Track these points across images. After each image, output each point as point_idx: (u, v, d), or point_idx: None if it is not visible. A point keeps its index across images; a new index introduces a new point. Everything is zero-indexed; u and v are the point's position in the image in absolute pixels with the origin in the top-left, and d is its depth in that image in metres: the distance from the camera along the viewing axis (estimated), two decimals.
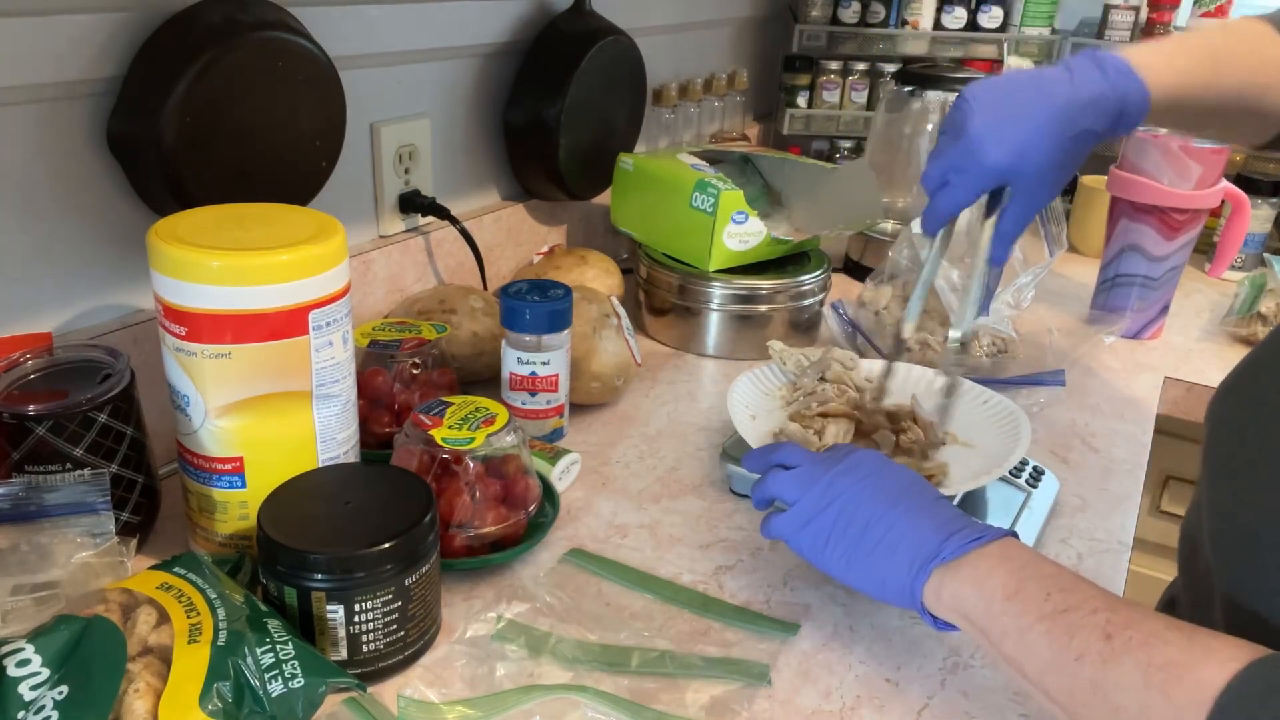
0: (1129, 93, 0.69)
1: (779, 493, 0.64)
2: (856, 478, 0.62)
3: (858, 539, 0.60)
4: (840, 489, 0.62)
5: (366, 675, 0.61)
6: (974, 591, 0.55)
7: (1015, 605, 0.52)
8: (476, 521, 0.71)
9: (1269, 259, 1.30)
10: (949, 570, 0.56)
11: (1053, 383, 1.05)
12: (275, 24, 0.77)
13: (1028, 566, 0.54)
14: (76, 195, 0.75)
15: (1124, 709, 0.46)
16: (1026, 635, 0.51)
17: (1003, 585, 0.54)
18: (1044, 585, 0.52)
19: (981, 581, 0.55)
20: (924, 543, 0.58)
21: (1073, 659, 0.49)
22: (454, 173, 1.12)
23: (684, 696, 0.61)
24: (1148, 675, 0.45)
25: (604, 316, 0.96)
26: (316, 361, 0.66)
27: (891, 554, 0.59)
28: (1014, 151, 0.70)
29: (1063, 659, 0.49)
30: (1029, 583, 0.53)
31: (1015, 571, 0.54)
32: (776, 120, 1.80)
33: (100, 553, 0.62)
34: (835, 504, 0.61)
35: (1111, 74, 0.69)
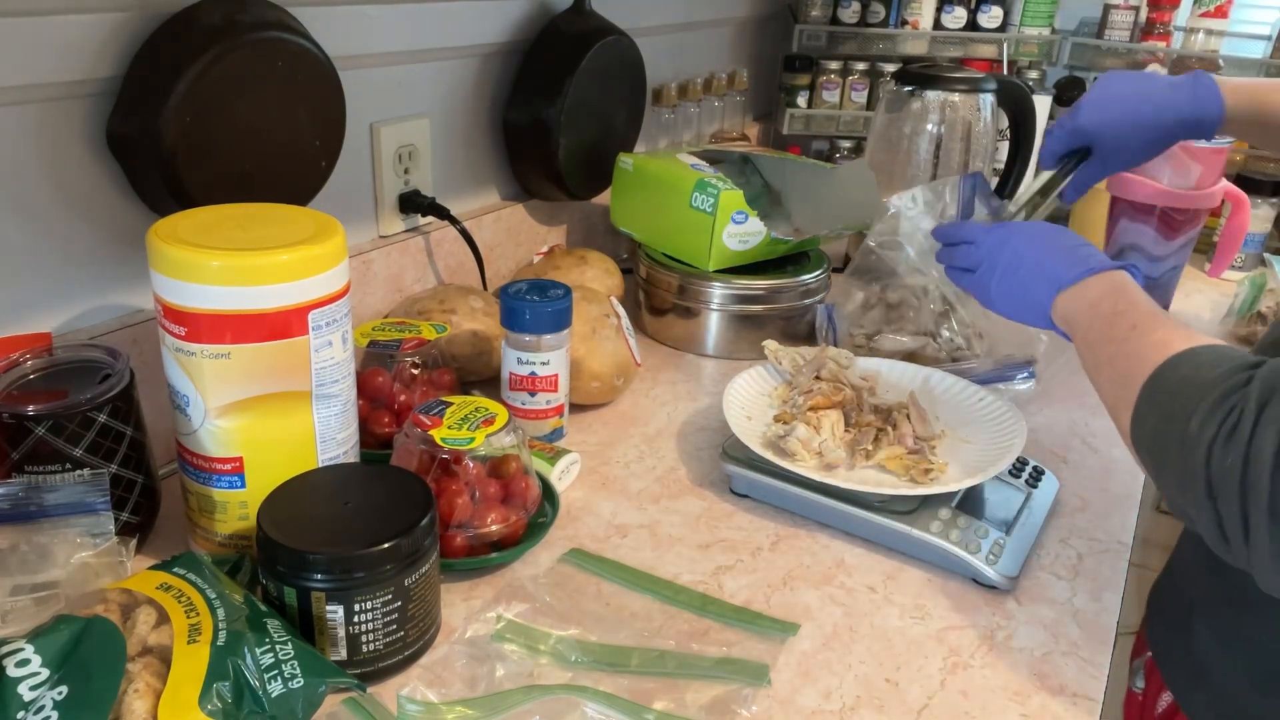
0: (1208, 110, 0.86)
1: (969, 234, 0.85)
2: (1024, 231, 0.80)
3: (1013, 271, 0.78)
4: (1009, 236, 0.80)
5: (366, 675, 0.61)
6: (1083, 308, 0.70)
7: (1102, 321, 0.67)
8: (476, 521, 0.71)
9: (1269, 259, 1.30)
10: (1067, 293, 0.72)
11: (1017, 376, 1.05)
12: (275, 24, 0.77)
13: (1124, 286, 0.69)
14: (76, 195, 0.75)
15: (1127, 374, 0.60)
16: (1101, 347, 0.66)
17: (1098, 301, 0.69)
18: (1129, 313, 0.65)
19: (1090, 299, 0.70)
20: (1054, 273, 0.73)
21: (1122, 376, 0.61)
22: (454, 173, 1.12)
23: (684, 696, 0.61)
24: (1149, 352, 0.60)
25: (604, 316, 0.96)
26: (316, 361, 0.66)
27: (1029, 287, 0.75)
28: (1100, 122, 0.89)
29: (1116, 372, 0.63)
30: (1123, 308, 0.66)
31: (1112, 294, 0.68)
32: (776, 120, 1.80)
33: (100, 553, 0.62)
34: (1008, 245, 0.79)
35: (1201, 93, 0.86)
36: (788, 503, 0.82)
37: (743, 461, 0.83)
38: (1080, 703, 0.64)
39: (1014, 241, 0.79)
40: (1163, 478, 0.56)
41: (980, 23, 1.69)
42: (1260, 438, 0.48)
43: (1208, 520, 0.52)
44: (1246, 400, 0.50)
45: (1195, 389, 0.53)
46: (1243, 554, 0.51)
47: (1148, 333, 0.61)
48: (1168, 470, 0.55)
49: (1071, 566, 0.78)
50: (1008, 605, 0.73)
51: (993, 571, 0.73)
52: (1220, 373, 0.53)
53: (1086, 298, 0.70)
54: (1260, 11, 1.70)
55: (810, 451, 0.82)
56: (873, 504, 0.78)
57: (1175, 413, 0.54)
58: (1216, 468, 0.50)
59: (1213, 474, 0.50)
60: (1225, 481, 0.50)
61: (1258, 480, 0.48)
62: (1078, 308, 0.71)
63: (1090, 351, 0.67)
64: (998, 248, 0.80)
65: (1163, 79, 0.89)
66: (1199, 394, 0.53)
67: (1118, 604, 0.74)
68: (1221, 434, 0.50)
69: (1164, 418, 0.55)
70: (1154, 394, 0.57)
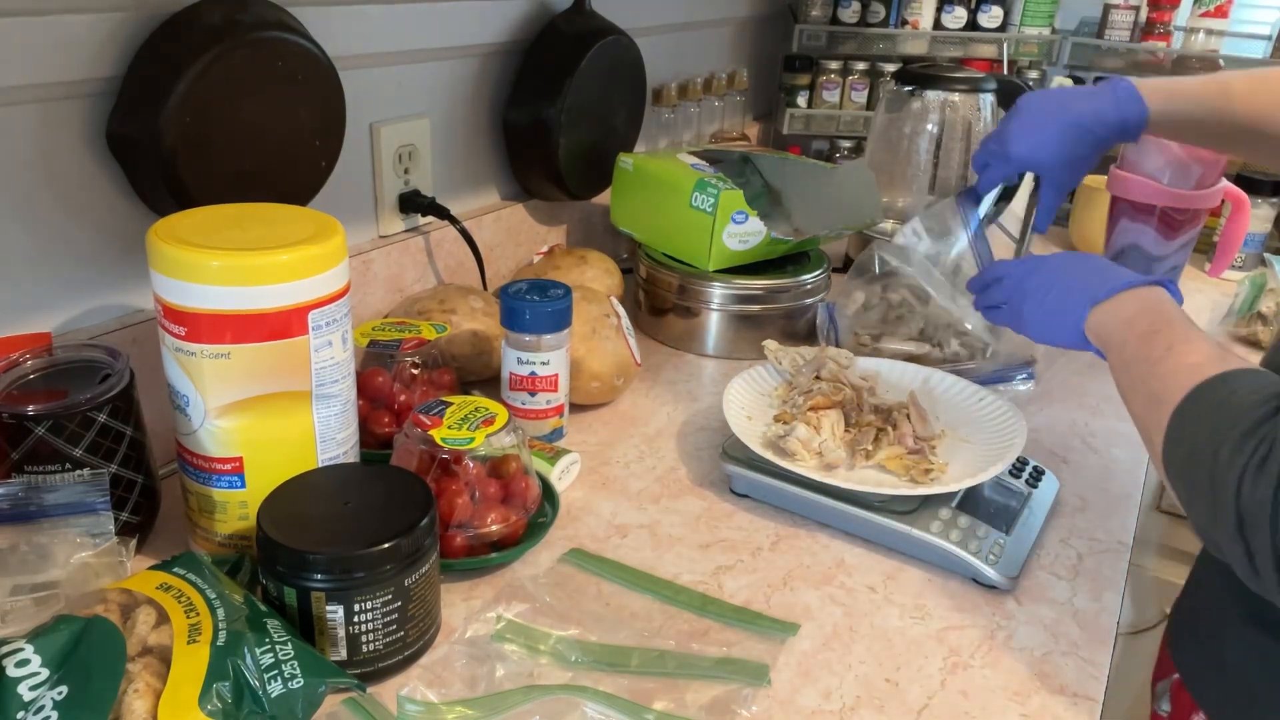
0: (1131, 114, 0.88)
1: (998, 271, 0.85)
2: (1055, 258, 0.81)
3: (1045, 293, 0.77)
4: (1037, 265, 0.81)
5: (366, 675, 0.61)
6: (1116, 323, 0.69)
7: (1136, 340, 0.66)
8: (476, 521, 0.71)
9: (1269, 259, 1.30)
10: (1101, 308, 0.71)
11: (1017, 377, 1.05)
12: (275, 24, 0.77)
13: (1161, 307, 0.68)
14: (76, 195, 0.75)
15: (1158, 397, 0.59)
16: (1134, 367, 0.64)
17: (1133, 320, 0.68)
18: (1164, 333, 0.64)
19: (1125, 316, 0.69)
20: (1087, 290, 0.73)
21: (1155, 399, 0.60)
22: (454, 173, 1.12)
23: (684, 696, 0.61)
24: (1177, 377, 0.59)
25: (604, 316, 0.96)
26: (316, 361, 0.66)
27: (1064, 304, 0.75)
28: (1031, 147, 0.91)
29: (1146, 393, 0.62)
30: (1159, 328, 0.65)
31: (1146, 313, 0.67)
32: (776, 120, 1.80)
33: (100, 553, 0.62)
34: (1039, 271, 0.80)
35: (1121, 98, 0.88)
36: (788, 503, 0.82)
37: (743, 461, 0.83)
38: (1080, 703, 0.64)
39: (1045, 267, 0.79)
40: (1193, 507, 0.55)
41: (980, 23, 1.69)
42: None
43: (1239, 552, 0.51)
44: (1277, 430, 0.49)
45: (1227, 417, 0.52)
46: (1274, 587, 0.50)
47: (1183, 355, 0.59)
48: (1198, 500, 0.54)
49: (1072, 566, 0.78)
50: (1008, 605, 0.73)
51: (993, 571, 0.73)
52: (1253, 401, 0.52)
53: (1122, 314, 0.69)
54: (1260, 11, 1.70)
55: (810, 451, 0.82)
56: (873, 504, 0.78)
57: (1206, 441, 0.53)
58: (1247, 500, 0.49)
59: (1243, 506, 0.49)
60: (1256, 514, 0.49)
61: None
62: (1113, 324, 0.69)
63: (1124, 371, 0.65)
64: (1028, 275, 0.80)
65: (1080, 90, 0.93)
66: (1230, 423, 0.52)
67: (1118, 604, 0.74)
68: (1251, 465, 0.49)
69: (1195, 447, 0.54)
70: (1185, 420, 0.55)
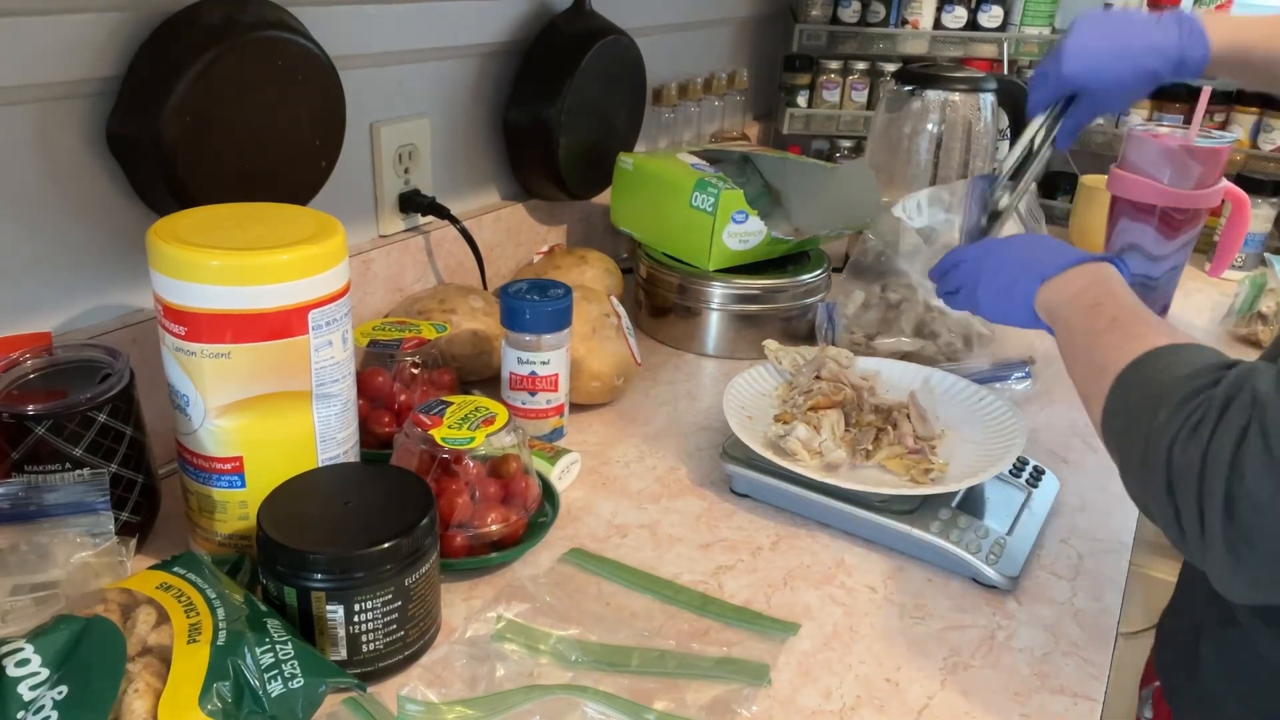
0: (1192, 49, 0.85)
1: (953, 258, 0.86)
2: (1006, 240, 0.83)
3: (997, 275, 0.79)
4: (991, 247, 0.83)
5: (366, 675, 0.61)
6: (1065, 299, 0.70)
7: (1080, 311, 0.68)
8: (476, 521, 0.71)
9: (1269, 259, 1.30)
10: (1050, 285, 0.72)
11: (1013, 376, 1.05)
12: (275, 24, 0.77)
13: (1106, 278, 0.69)
14: (76, 195, 0.75)
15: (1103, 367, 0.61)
16: (1079, 337, 0.66)
17: (1080, 292, 0.69)
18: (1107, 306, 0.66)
19: (1073, 289, 0.70)
20: (1037, 268, 0.74)
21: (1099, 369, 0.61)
22: (454, 172, 1.12)
23: (684, 696, 0.61)
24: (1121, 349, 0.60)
25: (604, 316, 0.96)
26: (316, 361, 0.66)
27: (1015, 282, 0.76)
28: (1085, 68, 0.88)
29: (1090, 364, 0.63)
30: (1103, 299, 0.67)
31: (1094, 286, 0.69)
32: (776, 120, 1.80)
33: (100, 552, 0.62)
34: (991, 253, 0.81)
35: (1184, 32, 0.85)
36: (788, 503, 0.82)
37: (743, 461, 0.82)
38: (1080, 703, 0.64)
39: (997, 249, 0.81)
40: (1127, 470, 0.56)
41: (980, 22, 1.69)
42: (1220, 437, 0.49)
43: (1167, 515, 0.52)
44: (1212, 400, 0.50)
45: (1167, 385, 0.54)
46: (1198, 551, 0.51)
47: (1127, 326, 0.62)
48: (1132, 463, 0.55)
49: (1072, 566, 0.78)
50: (1008, 605, 0.73)
51: (993, 571, 0.73)
52: (1192, 371, 0.53)
53: (1069, 289, 0.70)
54: (1259, 11, 1.70)
55: (810, 451, 0.82)
56: (873, 504, 0.78)
57: (1144, 407, 0.54)
58: (1177, 463, 0.51)
59: (1173, 469, 0.51)
60: (1184, 478, 0.50)
61: (1214, 479, 0.49)
62: (1060, 299, 0.71)
63: (1069, 342, 0.67)
64: (983, 257, 0.82)
65: (1145, 17, 0.89)
66: (1169, 390, 0.53)
67: (1118, 604, 0.74)
68: (1184, 431, 0.51)
69: (1133, 411, 0.56)
70: (1127, 388, 0.57)
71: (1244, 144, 1.59)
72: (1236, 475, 0.48)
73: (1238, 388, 0.50)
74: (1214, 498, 0.49)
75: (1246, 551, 0.49)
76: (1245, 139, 1.60)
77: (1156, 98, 1.66)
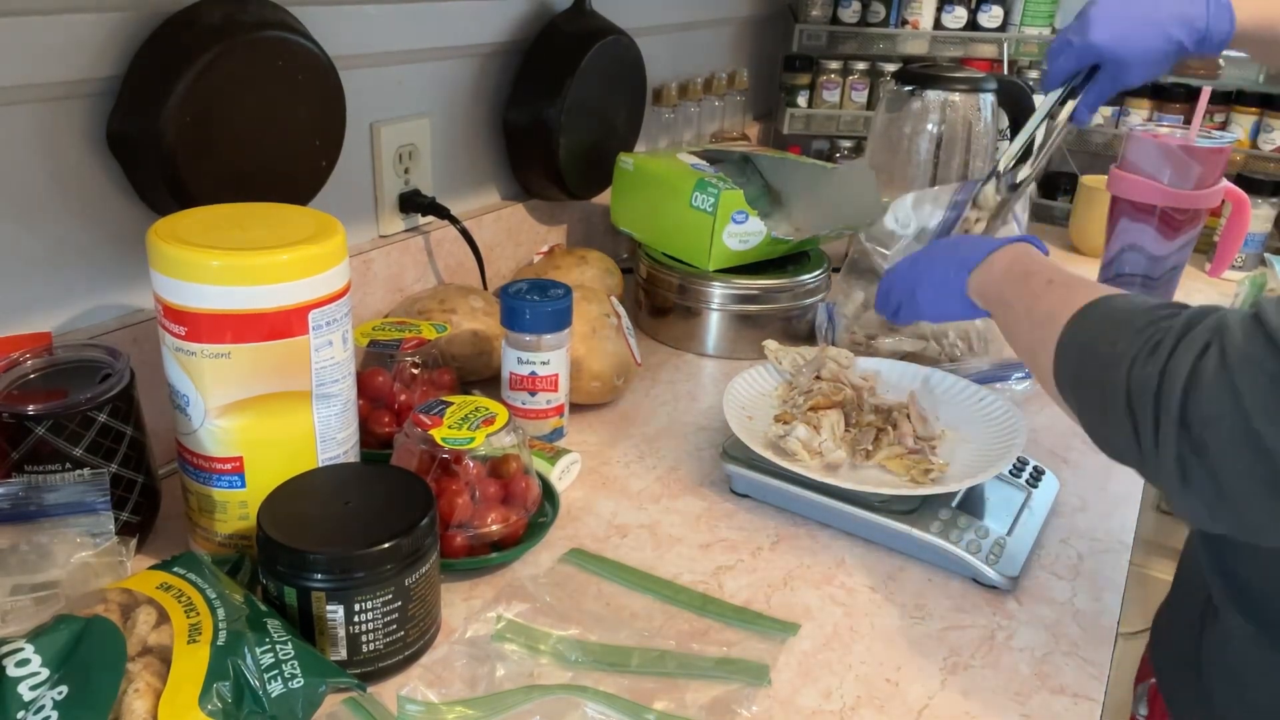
0: (1219, 21, 0.86)
1: (890, 274, 0.90)
2: (929, 248, 0.87)
3: (928, 277, 0.83)
4: (915, 257, 0.87)
5: (366, 675, 0.61)
6: (993, 278, 0.75)
7: (1012, 282, 0.71)
8: (476, 521, 0.71)
9: (1269, 259, 1.30)
10: (976, 273, 0.77)
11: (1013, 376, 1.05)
12: (275, 24, 0.77)
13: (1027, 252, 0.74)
14: (76, 195, 0.75)
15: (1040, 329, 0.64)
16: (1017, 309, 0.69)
17: (1008, 266, 0.73)
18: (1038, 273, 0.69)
19: (998, 267, 0.75)
20: (962, 260, 0.78)
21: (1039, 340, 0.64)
22: (454, 172, 1.12)
23: (684, 696, 0.61)
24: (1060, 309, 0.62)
25: (604, 316, 0.96)
26: (316, 361, 0.66)
27: (945, 278, 0.79)
28: (1116, 38, 0.88)
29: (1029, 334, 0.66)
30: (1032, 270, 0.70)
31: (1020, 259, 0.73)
32: (776, 120, 1.80)
33: (100, 552, 0.62)
34: (918, 261, 0.86)
35: (1212, 4, 0.86)
36: (788, 503, 0.82)
37: (743, 461, 0.82)
38: (1081, 703, 0.64)
39: (921, 257, 0.86)
40: (1084, 402, 0.58)
41: (980, 22, 1.69)
42: (1178, 355, 0.51)
43: (1125, 433, 0.53)
44: (1172, 325, 0.52)
45: (1123, 320, 0.56)
46: (1153, 463, 0.52)
47: (1068, 285, 0.64)
48: (1089, 392, 0.57)
49: (1072, 566, 0.78)
50: (1008, 605, 0.73)
51: (993, 571, 0.73)
52: (1148, 307, 0.56)
53: (996, 269, 0.75)
54: None
55: (810, 451, 0.82)
56: (873, 504, 0.78)
57: (1101, 340, 0.57)
58: (1135, 379, 0.52)
59: (1131, 385, 0.52)
60: (1142, 391, 0.52)
61: (1170, 392, 0.50)
62: (989, 281, 0.75)
63: (1006, 312, 0.71)
64: (911, 266, 0.86)
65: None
66: (1126, 323, 0.55)
67: (1118, 604, 0.74)
68: (1143, 352, 0.52)
69: (1088, 346, 0.58)
70: (1079, 329, 0.59)
71: (1244, 144, 1.59)
72: (1194, 386, 0.49)
73: (1201, 316, 0.52)
74: (1169, 410, 0.50)
75: (1197, 464, 0.50)
76: (1245, 139, 1.60)
77: (1156, 98, 1.66)
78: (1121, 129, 1.68)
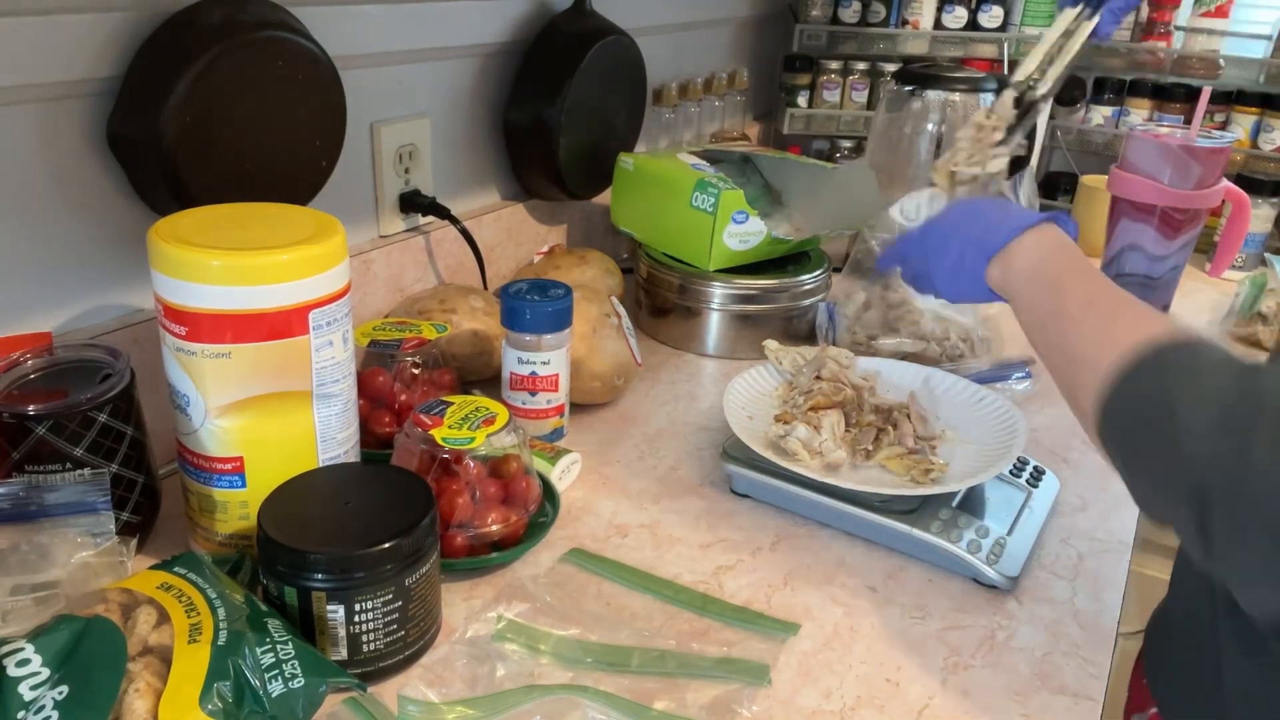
0: None
1: (903, 240, 0.82)
2: (943, 215, 0.79)
3: (944, 252, 0.75)
4: (929, 226, 0.79)
5: (366, 675, 0.61)
6: (1016, 277, 0.68)
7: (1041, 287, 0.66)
8: (476, 521, 0.71)
9: (1269, 259, 1.30)
10: (998, 261, 0.70)
11: (1013, 376, 1.05)
12: (275, 24, 0.77)
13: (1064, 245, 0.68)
14: (76, 195, 0.75)
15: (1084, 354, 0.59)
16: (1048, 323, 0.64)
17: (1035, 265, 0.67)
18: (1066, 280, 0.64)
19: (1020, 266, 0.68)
20: (980, 243, 0.72)
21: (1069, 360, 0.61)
22: (454, 172, 1.12)
23: (684, 696, 0.61)
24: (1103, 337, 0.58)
25: (604, 316, 0.96)
26: (316, 361, 0.66)
27: (963, 258, 0.73)
28: None
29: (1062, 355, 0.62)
30: (1065, 275, 0.65)
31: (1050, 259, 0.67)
32: (776, 120, 1.80)
33: (100, 552, 0.62)
34: (931, 231, 0.78)
35: None
36: (788, 503, 0.82)
37: (743, 461, 0.83)
38: (1081, 703, 0.64)
39: (939, 224, 0.78)
40: (1135, 468, 0.54)
41: (980, 22, 1.69)
42: (1271, 448, 0.46)
43: (1189, 521, 0.49)
44: (1255, 407, 0.47)
45: (1188, 381, 0.51)
46: (1225, 559, 0.48)
47: (1111, 309, 0.59)
48: (1146, 462, 0.53)
49: (1072, 566, 0.78)
50: (1008, 605, 0.73)
51: (993, 571, 0.73)
52: (1218, 362, 0.51)
53: (1022, 265, 0.68)
54: (1260, 11, 1.70)
55: (811, 451, 0.82)
56: (873, 504, 0.78)
57: (1162, 403, 0.51)
58: (1210, 466, 0.47)
59: (1206, 472, 0.48)
60: (1222, 484, 0.47)
61: (1263, 492, 0.45)
62: (1014, 278, 0.68)
63: (1039, 330, 0.65)
64: (925, 235, 0.78)
65: None
66: (1193, 386, 0.50)
67: (1118, 604, 0.74)
68: (1221, 433, 0.47)
69: (1146, 408, 0.52)
70: (1133, 383, 0.54)
71: (1244, 144, 1.59)
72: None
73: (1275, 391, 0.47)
74: (1258, 512, 0.45)
75: None
76: (1245, 139, 1.60)
77: (1156, 97, 1.66)
78: (1121, 129, 1.68)
